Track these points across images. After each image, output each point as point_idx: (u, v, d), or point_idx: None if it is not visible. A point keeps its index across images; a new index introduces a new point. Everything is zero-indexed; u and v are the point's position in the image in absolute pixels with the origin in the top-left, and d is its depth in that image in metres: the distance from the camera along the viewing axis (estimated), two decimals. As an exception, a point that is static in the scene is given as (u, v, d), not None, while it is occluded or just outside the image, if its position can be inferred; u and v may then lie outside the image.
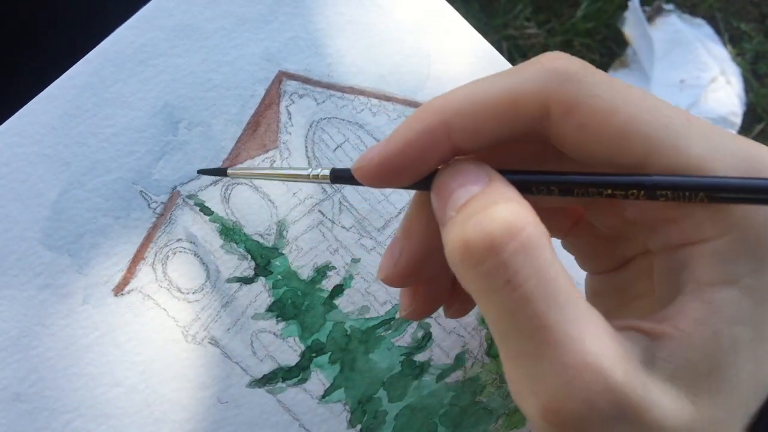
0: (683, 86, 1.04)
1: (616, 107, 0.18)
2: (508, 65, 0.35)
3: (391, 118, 0.33)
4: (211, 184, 0.31)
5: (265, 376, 0.30)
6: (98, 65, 0.32)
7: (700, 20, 1.09)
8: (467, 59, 0.35)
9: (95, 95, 0.32)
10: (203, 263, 0.30)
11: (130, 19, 0.33)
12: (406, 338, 0.31)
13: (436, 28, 0.35)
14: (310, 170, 0.23)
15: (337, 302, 0.31)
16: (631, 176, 0.18)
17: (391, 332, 0.31)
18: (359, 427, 0.30)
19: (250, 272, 0.31)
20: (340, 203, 0.32)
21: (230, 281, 0.30)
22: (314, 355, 0.30)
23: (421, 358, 0.31)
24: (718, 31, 1.09)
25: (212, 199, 0.31)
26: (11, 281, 0.29)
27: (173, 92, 0.32)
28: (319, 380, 0.30)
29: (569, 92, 0.18)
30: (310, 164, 0.32)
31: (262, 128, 0.32)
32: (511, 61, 0.38)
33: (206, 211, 0.31)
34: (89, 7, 0.42)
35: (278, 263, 0.31)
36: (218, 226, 0.31)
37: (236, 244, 0.31)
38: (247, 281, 0.31)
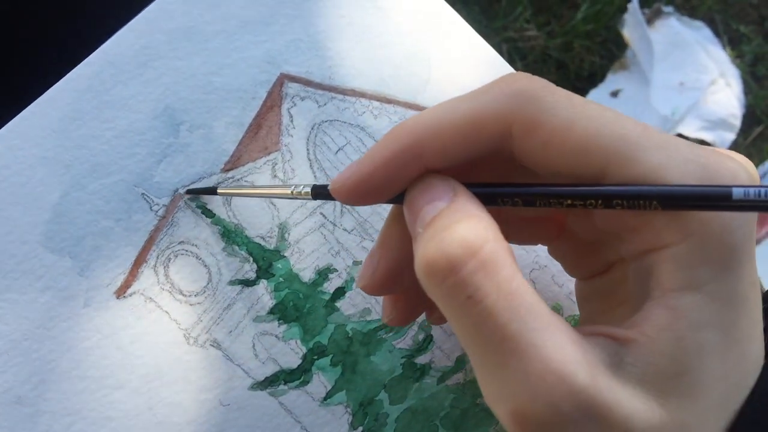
0: (683, 88, 1.04)
1: (574, 123, 0.19)
2: (508, 67, 0.35)
3: (392, 120, 0.33)
4: (213, 186, 0.31)
5: (266, 378, 0.30)
6: (99, 68, 0.32)
7: (699, 22, 1.09)
8: (468, 62, 0.35)
9: (96, 98, 0.32)
10: (205, 266, 0.30)
11: (131, 21, 0.33)
12: (407, 341, 0.31)
13: (436, 30, 0.35)
14: (293, 187, 0.24)
15: (338, 305, 0.31)
16: (586, 187, 0.19)
17: (392, 335, 0.31)
18: (360, 429, 0.30)
19: (251, 275, 0.31)
20: (341, 206, 0.32)
21: (232, 284, 0.30)
22: (316, 357, 0.30)
23: (422, 360, 0.31)
24: (717, 33, 1.10)
25: (214, 201, 0.31)
26: (12, 284, 0.29)
27: (174, 95, 0.32)
28: (320, 382, 0.30)
29: (529, 112, 0.19)
30: (311, 167, 0.32)
31: (263, 131, 0.32)
32: (511, 63, 0.38)
33: (208, 213, 0.31)
34: (90, 9, 0.42)
35: (280, 266, 0.31)
36: (220, 228, 0.31)
37: (238, 246, 0.31)
38: (248, 284, 0.31)
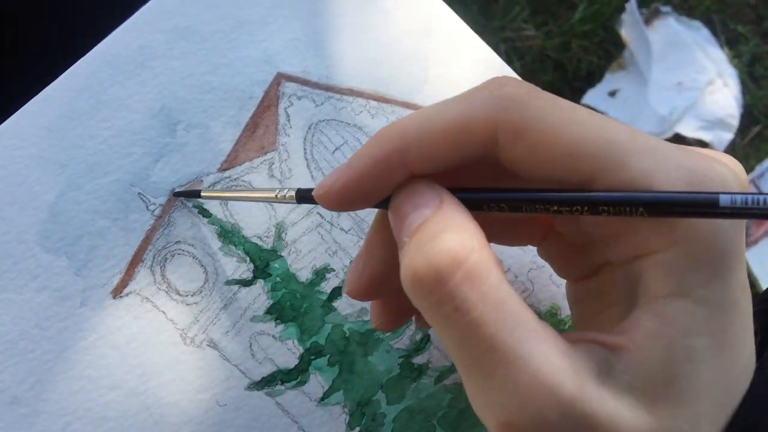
0: (680, 89, 1.04)
1: (561, 129, 0.18)
2: (506, 67, 0.35)
3: (389, 120, 0.33)
4: (209, 186, 0.31)
5: (263, 378, 0.30)
6: (96, 67, 0.32)
7: (697, 22, 1.09)
8: (465, 61, 0.35)
9: (92, 97, 0.32)
10: (202, 265, 0.30)
11: (127, 20, 0.33)
12: (404, 340, 0.31)
13: (434, 30, 0.35)
14: (277, 191, 0.24)
15: (335, 304, 0.31)
16: (572, 193, 0.18)
17: (389, 335, 0.31)
18: (358, 429, 0.30)
19: (248, 274, 0.31)
20: (338, 205, 0.32)
21: (229, 283, 0.30)
22: (313, 357, 0.30)
23: (419, 360, 0.31)
24: (715, 33, 1.10)
25: (211, 201, 0.31)
26: (8, 284, 0.29)
27: (171, 94, 0.32)
28: (317, 382, 0.30)
29: (516, 118, 0.19)
30: (308, 166, 0.32)
31: (260, 130, 0.32)
32: (509, 63, 0.38)
33: (205, 213, 0.31)
34: (87, 8, 0.42)
35: (277, 265, 0.31)
36: (217, 228, 0.31)
37: (235, 246, 0.31)
38: (245, 283, 0.30)
